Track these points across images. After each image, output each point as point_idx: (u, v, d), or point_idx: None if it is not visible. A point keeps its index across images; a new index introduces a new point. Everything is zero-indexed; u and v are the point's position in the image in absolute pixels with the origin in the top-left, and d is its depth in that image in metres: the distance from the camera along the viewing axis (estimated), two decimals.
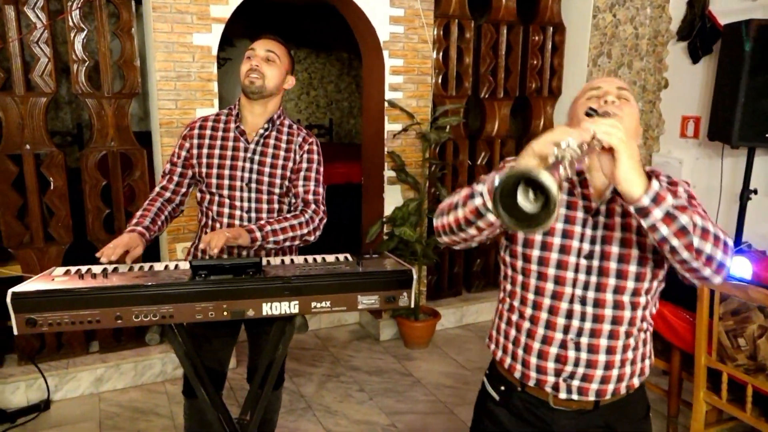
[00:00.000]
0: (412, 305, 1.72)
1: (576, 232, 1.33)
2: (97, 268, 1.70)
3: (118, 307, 1.50)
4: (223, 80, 3.22)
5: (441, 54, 3.91)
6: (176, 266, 1.78)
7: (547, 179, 0.95)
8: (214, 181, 2.05)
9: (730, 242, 1.18)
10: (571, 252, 1.33)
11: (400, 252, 3.63)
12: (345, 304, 1.64)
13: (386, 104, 3.67)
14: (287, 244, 2.02)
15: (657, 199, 1.09)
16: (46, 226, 3.12)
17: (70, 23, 3.00)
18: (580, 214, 1.34)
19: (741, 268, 2.61)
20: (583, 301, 1.33)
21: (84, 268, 1.70)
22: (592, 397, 1.36)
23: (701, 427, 2.46)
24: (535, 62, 4.31)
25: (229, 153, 2.06)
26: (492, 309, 4.13)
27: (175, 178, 2.12)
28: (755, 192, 3.36)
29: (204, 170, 2.06)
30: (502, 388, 1.46)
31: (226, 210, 2.07)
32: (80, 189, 3.17)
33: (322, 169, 2.16)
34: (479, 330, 4.14)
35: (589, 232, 1.32)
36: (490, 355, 1.52)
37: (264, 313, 1.59)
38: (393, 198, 3.83)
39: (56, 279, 1.60)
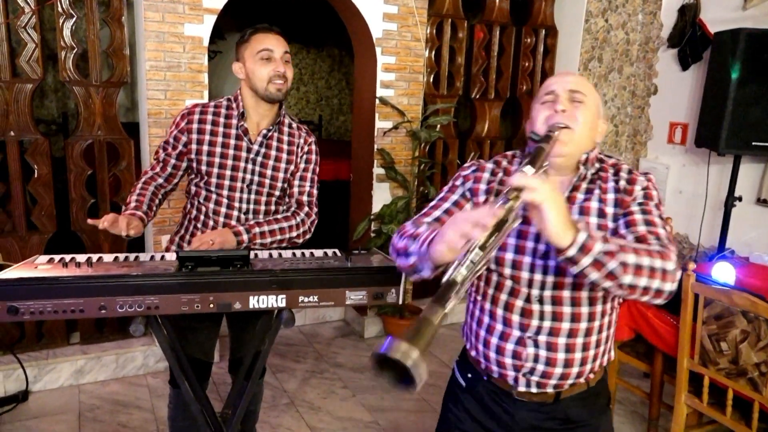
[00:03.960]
0: (401, 302, 1.71)
1: (531, 233, 1.31)
2: (81, 257, 1.67)
3: (103, 297, 1.48)
4: (212, 73, 3.19)
5: (433, 53, 3.91)
6: (162, 257, 1.76)
7: (414, 369, 0.89)
8: (214, 180, 1.99)
9: (671, 266, 1.16)
10: (525, 252, 1.32)
11: (387, 249, 3.62)
12: (333, 299, 1.63)
13: (377, 101, 3.66)
14: (275, 246, 2.00)
15: (584, 249, 1.09)
16: (29, 215, 3.07)
17: (59, 9, 2.95)
18: None
19: (725, 273, 2.64)
20: (541, 300, 1.32)
21: (68, 257, 1.68)
22: (551, 390, 1.37)
23: (681, 430, 2.48)
24: (526, 64, 4.32)
25: (231, 152, 1.99)
26: None
27: (169, 169, 2.05)
28: (740, 199, 3.40)
29: (204, 168, 1.99)
30: (469, 375, 1.47)
31: (223, 209, 2.02)
32: (65, 178, 3.12)
33: (318, 169, 2.13)
34: None
35: None
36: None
37: (251, 306, 1.58)
38: (381, 195, 3.83)
39: (39, 267, 1.57)
